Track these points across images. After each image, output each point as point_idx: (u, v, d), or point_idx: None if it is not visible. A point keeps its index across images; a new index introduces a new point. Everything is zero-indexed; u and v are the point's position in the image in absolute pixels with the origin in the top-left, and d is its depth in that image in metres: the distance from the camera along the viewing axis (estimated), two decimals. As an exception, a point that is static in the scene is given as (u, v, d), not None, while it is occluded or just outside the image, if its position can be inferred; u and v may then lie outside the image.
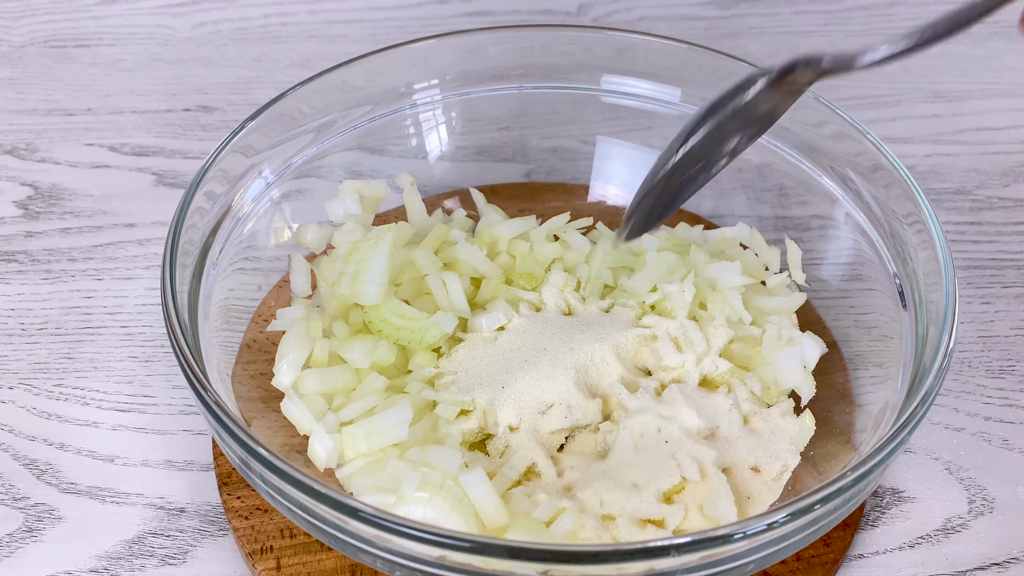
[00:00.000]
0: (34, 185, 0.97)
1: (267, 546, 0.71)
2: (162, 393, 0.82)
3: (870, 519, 0.75)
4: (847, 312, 0.82)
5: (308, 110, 0.83)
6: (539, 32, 0.89)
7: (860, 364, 0.79)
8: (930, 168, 1.01)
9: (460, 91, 0.90)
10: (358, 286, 0.78)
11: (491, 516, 0.68)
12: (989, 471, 0.78)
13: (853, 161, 0.80)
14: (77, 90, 1.07)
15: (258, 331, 0.81)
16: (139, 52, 1.12)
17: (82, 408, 0.81)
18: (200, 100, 1.07)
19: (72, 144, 1.01)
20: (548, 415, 0.74)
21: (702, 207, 0.91)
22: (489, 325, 0.78)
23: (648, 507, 0.69)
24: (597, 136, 0.92)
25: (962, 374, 0.84)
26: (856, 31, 1.16)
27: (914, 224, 0.75)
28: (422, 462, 0.70)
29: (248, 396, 0.75)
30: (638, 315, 0.80)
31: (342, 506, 0.59)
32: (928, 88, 1.09)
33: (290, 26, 1.16)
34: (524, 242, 0.84)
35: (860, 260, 0.81)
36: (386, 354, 0.76)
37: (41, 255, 0.91)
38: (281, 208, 0.84)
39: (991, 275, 0.92)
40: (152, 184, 0.98)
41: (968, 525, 0.75)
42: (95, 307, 0.88)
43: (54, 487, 0.76)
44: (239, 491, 0.74)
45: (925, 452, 0.79)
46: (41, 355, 0.84)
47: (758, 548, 0.60)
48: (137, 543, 0.74)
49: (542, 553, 0.57)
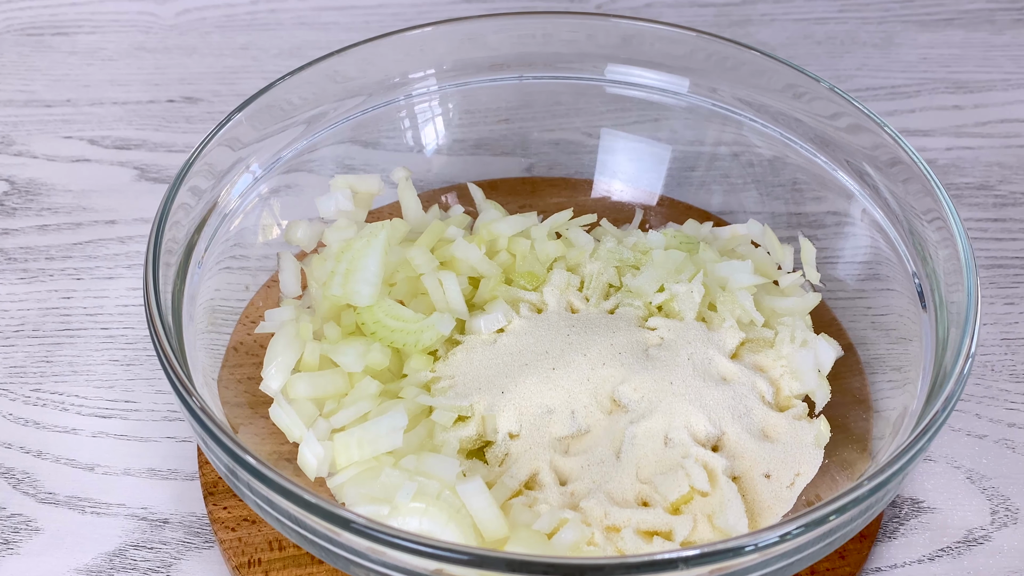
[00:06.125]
0: (10, 180, 0.97)
1: (255, 559, 0.71)
2: (145, 398, 0.82)
3: (888, 530, 0.75)
4: (864, 313, 0.82)
5: (298, 101, 0.83)
6: (540, 19, 0.89)
7: (877, 368, 0.79)
8: (951, 162, 1.01)
9: (457, 81, 0.90)
10: (350, 286, 0.78)
11: (490, 527, 0.68)
12: (1013, 480, 0.78)
13: (870, 155, 0.80)
14: (55, 80, 1.07)
15: (245, 333, 0.81)
16: (120, 40, 1.12)
17: (61, 414, 0.81)
18: (185, 91, 1.07)
19: (50, 137, 1.01)
20: (550, 421, 0.74)
21: (711, 203, 0.91)
22: (488, 327, 0.79)
23: (655, 518, 0.69)
24: (601, 128, 0.92)
25: (984, 378, 0.84)
26: (873, 17, 1.16)
27: (934, 221, 0.75)
28: (418, 471, 0.70)
29: (235, 401, 0.75)
30: (644, 316, 0.80)
31: (334, 517, 0.59)
32: (948, 78, 1.09)
33: (279, 13, 1.16)
34: (525, 240, 0.84)
35: (877, 259, 0.81)
36: (380, 357, 0.76)
37: (17, 253, 0.91)
38: (270, 204, 0.84)
39: (1015, 274, 0.92)
40: (134, 179, 0.98)
41: (991, 536, 0.75)
42: (74, 308, 0.88)
43: (31, 497, 0.76)
44: (225, 501, 0.74)
45: (946, 460, 0.79)
46: (18, 358, 0.84)
47: (770, 561, 0.60)
48: (119, 556, 0.74)
49: (544, 566, 0.57)
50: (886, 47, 1.13)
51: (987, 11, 1.17)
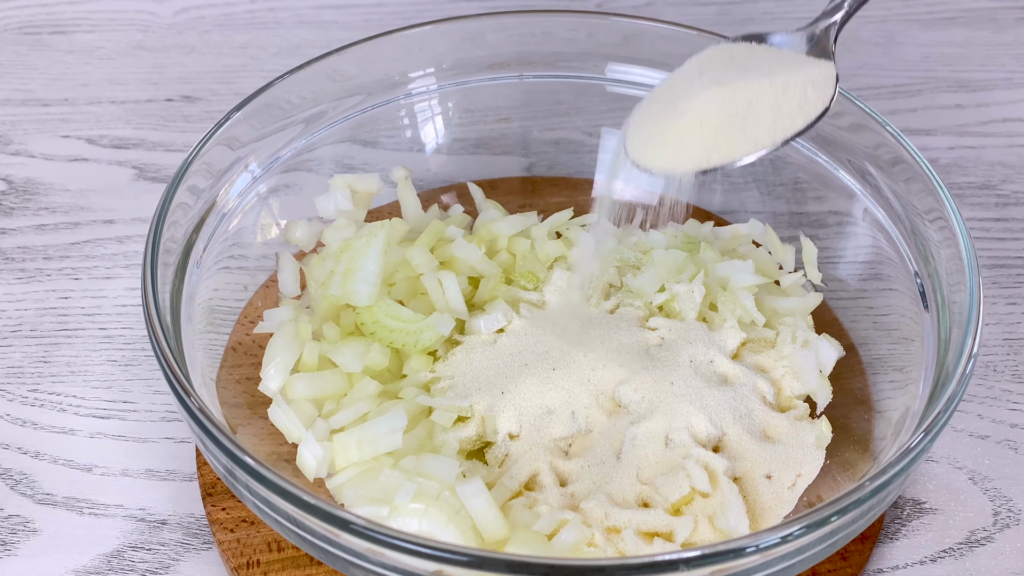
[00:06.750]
0: (8, 179, 0.97)
1: (253, 560, 0.71)
2: (143, 399, 0.82)
3: (890, 532, 0.75)
4: (866, 313, 0.82)
5: (297, 100, 0.83)
6: (541, 18, 0.89)
7: (879, 368, 0.79)
8: (953, 161, 1.01)
9: (457, 80, 0.90)
10: (349, 286, 0.78)
11: (490, 528, 0.68)
12: (1015, 481, 0.78)
13: (872, 154, 0.80)
14: (53, 79, 1.07)
15: (244, 333, 0.81)
16: (118, 39, 1.12)
17: (58, 415, 0.81)
18: (183, 90, 1.07)
19: (48, 136, 1.01)
20: (550, 422, 0.74)
21: (712, 202, 0.91)
22: (488, 327, 0.79)
23: (655, 519, 0.69)
24: (602, 128, 0.92)
25: (987, 379, 0.84)
26: (875, 16, 1.16)
27: (936, 220, 0.75)
28: (417, 472, 0.70)
29: (233, 402, 0.75)
30: (645, 316, 0.80)
31: (333, 518, 0.59)
32: (951, 77, 1.09)
33: (278, 12, 1.16)
34: (525, 239, 0.84)
35: (879, 258, 0.81)
36: (379, 358, 0.76)
37: (15, 253, 0.91)
38: (268, 204, 0.84)
39: (1017, 274, 0.92)
40: (132, 178, 0.98)
41: (993, 538, 0.75)
42: (72, 308, 0.88)
43: (29, 498, 0.76)
44: (224, 502, 0.74)
45: (948, 461, 0.79)
46: (15, 359, 0.84)
47: (772, 562, 0.60)
48: (116, 557, 0.74)
49: (544, 567, 0.57)
50: (888, 46, 1.13)
51: (990, 10, 1.17)
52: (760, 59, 0.70)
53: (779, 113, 0.68)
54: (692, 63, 0.71)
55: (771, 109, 0.67)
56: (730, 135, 0.67)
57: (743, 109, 0.67)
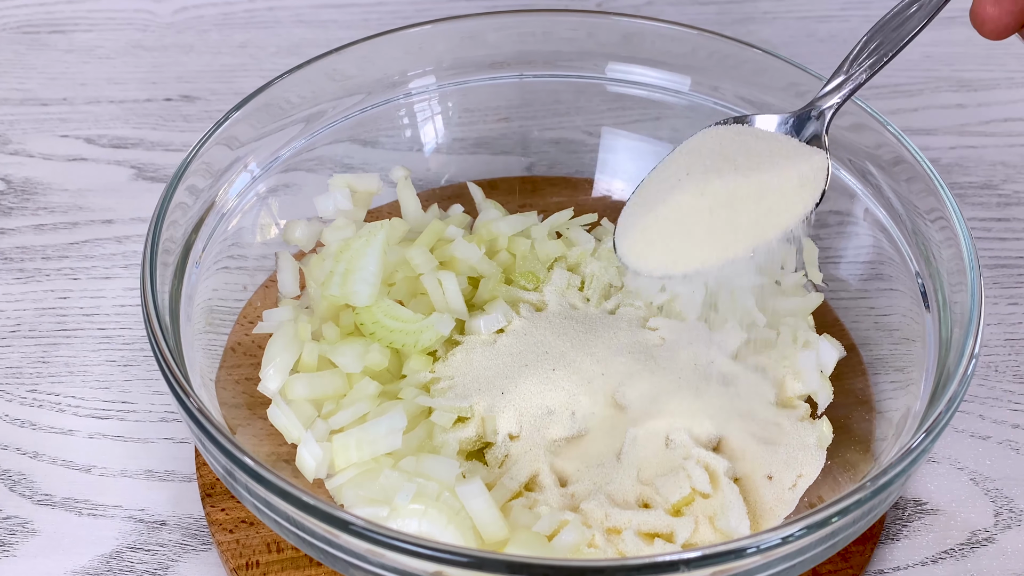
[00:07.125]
0: (6, 179, 0.97)
1: (253, 561, 0.71)
2: (142, 399, 0.82)
3: (891, 532, 0.75)
4: (867, 313, 0.82)
5: (296, 100, 0.83)
6: (540, 17, 0.89)
7: (880, 368, 0.79)
8: (954, 161, 1.01)
9: (457, 80, 0.90)
10: (349, 286, 0.78)
11: (490, 529, 0.68)
12: (1017, 481, 0.78)
13: (873, 154, 0.80)
14: (51, 78, 1.07)
15: (243, 334, 0.81)
16: (117, 38, 1.12)
17: (57, 415, 0.81)
18: (182, 89, 1.07)
19: (46, 136, 1.01)
20: (550, 422, 0.74)
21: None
22: (488, 327, 0.79)
23: (656, 519, 0.69)
24: (602, 127, 0.92)
25: (988, 379, 0.84)
26: (876, 15, 1.16)
27: (937, 220, 0.75)
28: (417, 472, 0.70)
29: (233, 402, 0.75)
30: (645, 316, 0.80)
31: (332, 519, 0.59)
32: (952, 76, 1.09)
33: (277, 11, 1.16)
34: (525, 239, 0.84)
35: (880, 258, 0.81)
36: (379, 358, 0.76)
37: (14, 253, 0.91)
38: (268, 203, 0.84)
39: (1019, 274, 0.92)
40: (131, 178, 0.98)
41: (994, 539, 0.75)
42: (71, 308, 0.88)
43: (27, 498, 0.76)
44: (223, 503, 0.74)
45: (949, 462, 0.79)
46: (13, 359, 0.84)
47: (772, 563, 0.60)
48: (115, 558, 0.74)
49: (544, 568, 0.57)
50: (889, 45, 1.13)
51: (991, 9, 1.17)
52: (751, 149, 0.69)
53: (768, 211, 0.68)
54: (680, 154, 0.71)
55: (758, 208, 0.68)
56: (720, 236, 0.68)
57: (727, 212, 0.67)
